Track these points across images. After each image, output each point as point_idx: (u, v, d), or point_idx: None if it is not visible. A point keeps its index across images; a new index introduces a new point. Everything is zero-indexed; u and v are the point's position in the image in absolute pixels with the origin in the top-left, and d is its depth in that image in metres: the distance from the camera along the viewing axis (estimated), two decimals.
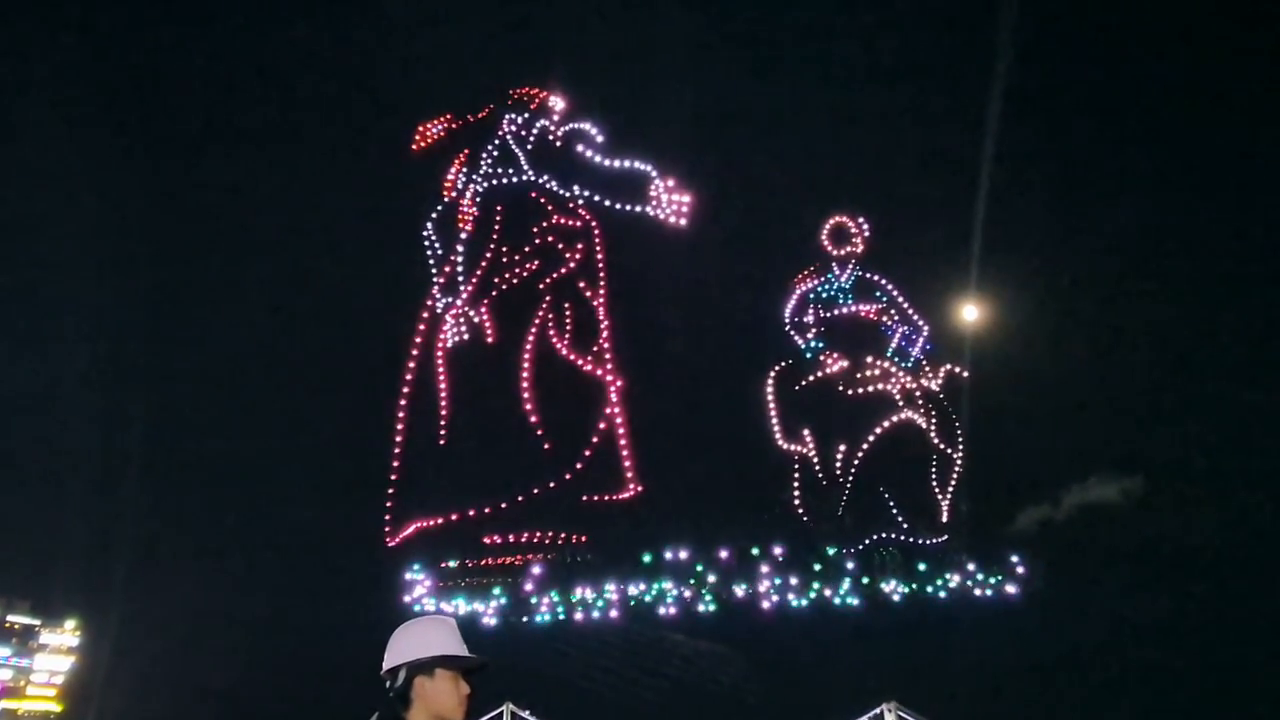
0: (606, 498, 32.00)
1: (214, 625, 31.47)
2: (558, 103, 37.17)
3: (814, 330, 42.07)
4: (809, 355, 41.23)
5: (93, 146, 36.46)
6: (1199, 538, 33.58)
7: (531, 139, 36.61)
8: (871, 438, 39.23)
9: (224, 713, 30.87)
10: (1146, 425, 38.73)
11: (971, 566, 38.44)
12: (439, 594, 31.09)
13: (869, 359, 41.00)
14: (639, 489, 32.21)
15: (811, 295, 43.01)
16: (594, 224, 35.41)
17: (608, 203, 35.66)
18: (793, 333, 42.10)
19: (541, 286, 34.02)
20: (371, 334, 36.17)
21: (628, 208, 35.23)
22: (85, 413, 34.43)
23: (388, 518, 31.99)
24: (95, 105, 38.25)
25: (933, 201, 42.08)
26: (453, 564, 31.71)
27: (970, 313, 41.84)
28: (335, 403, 34.90)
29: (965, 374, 40.81)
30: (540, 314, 33.68)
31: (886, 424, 39.73)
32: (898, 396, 40.33)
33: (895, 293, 43.43)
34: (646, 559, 33.37)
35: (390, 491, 32.41)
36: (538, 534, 31.75)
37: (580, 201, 35.78)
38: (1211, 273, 40.43)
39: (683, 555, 33.80)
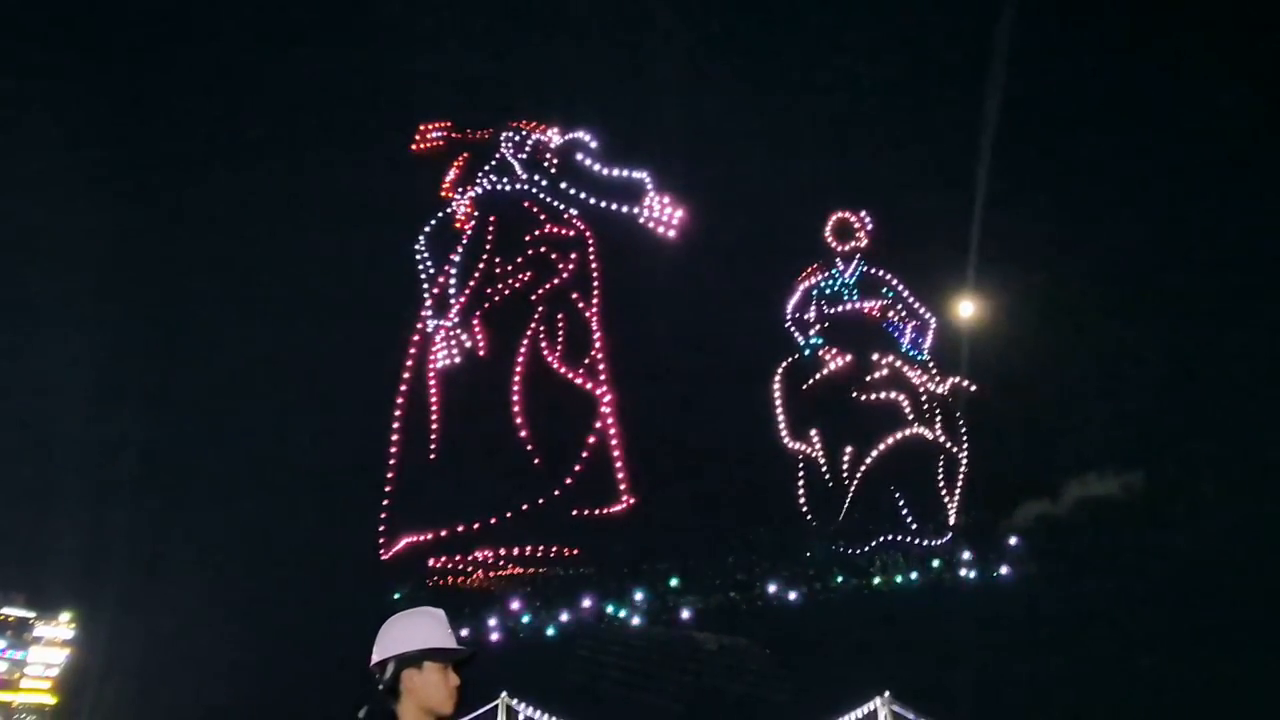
0: (599, 511, 32.23)
1: (208, 619, 32.01)
2: (555, 135, 37.52)
3: (816, 326, 42.29)
4: (808, 352, 41.46)
5: (92, 156, 37.25)
6: (1200, 539, 33.87)
7: (526, 154, 36.96)
8: (879, 440, 39.51)
9: (218, 706, 31.35)
10: (1150, 425, 39.13)
11: (973, 564, 38.81)
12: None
13: (876, 358, 41.23)
14: (632, 501, 32.47)
15: (815, 291, 43.16)
16: (588, 234, 35.72)
17: (601, 204, 35.88)
18: (793, 329, 42.30)
19: (534, 298, 34.40)
20: (369, 344, 36.60)
21: (621, 209, 35.42)
22: (82, 409, 34.97)
23: (382, 529, 32.41)
24: (94, 114, 38.96)
25: (935, 200, 42.45)
26: (444, 579, 32.10)
27: (968, 310, 42.23)
28: (331, 406, 35.54)
29: (972, 386, 41.13)
30: (533, 326, 34.01)
31: (894, 427, 40.07)
32: (905, 402, 40.58)
33: (901, 288, 43.59)
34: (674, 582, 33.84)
35: (385, 503, 32.78)
36: (529, 548, 32.06)
37: (574, 211, 36.10)
38: (1216, 266, 40.78)
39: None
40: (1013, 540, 39.74)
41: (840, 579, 36.54)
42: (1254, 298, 39.26)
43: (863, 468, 39.23)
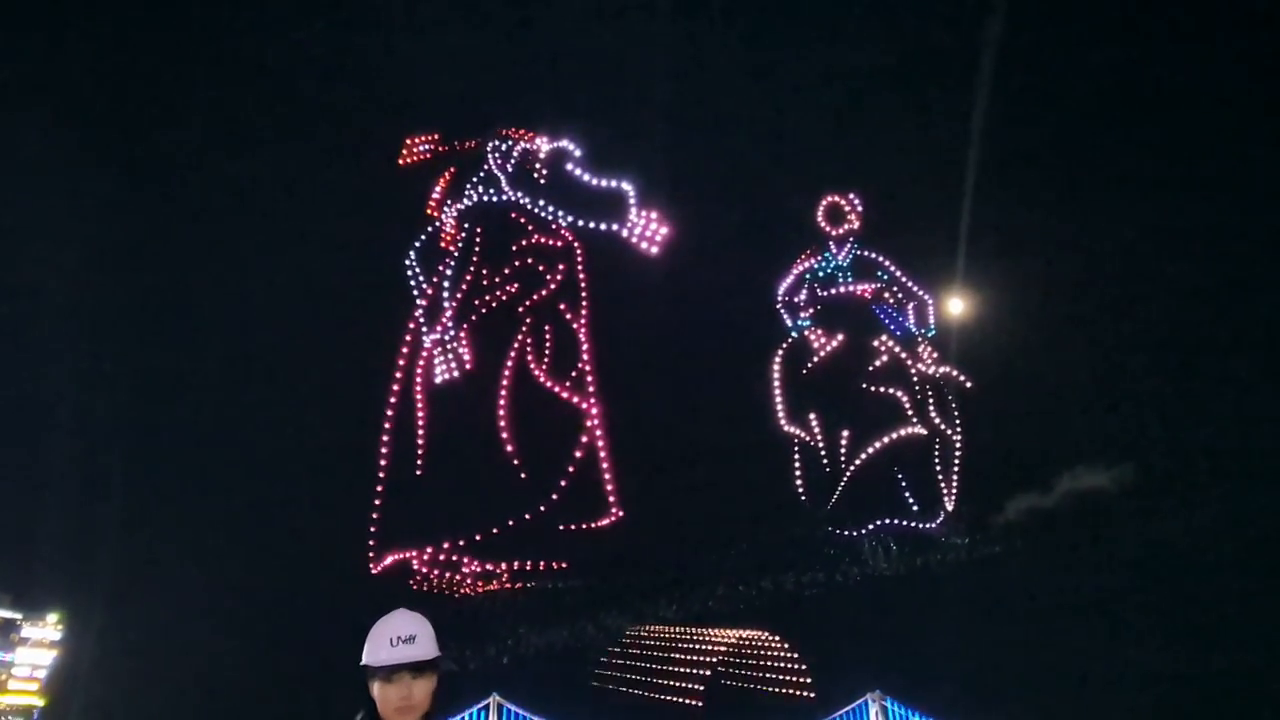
0: (586, 525, 32.43)
1: (196, 619, 32.24)
2: (544, 144, 37.51)
3: (808, 310, 42.70)
4: (794, 333, 41.94)
5: (84, 155, 37.37)
6: (1193, 528, 34.21)
7: (514, 165, 36.92)
8: (875, 425, 39.87)
9: (206, 704, 31.61)
10: (1143, 411, 39.45)
11: (967, 546, 39.25)
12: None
13: (870, 340, 41.64)
14: (620, 514, 32.60)
15: (808, 274, 43.54)
16: (575, 244, 35.79)
17: (586, 224, 35.85)
18: (783, 311, 42.77)
19: (522, 309, 34.58)
20: (361, 346, 36.69)
21: (606, 227, 35.36)
22: (69, 410, 35.10)
23: (371, 543, 32.53)
24: (92, 105, 39.28)
25: (929, 186, 42.64)
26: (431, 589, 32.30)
27: (958, 306, 42.64)
28: (323, 407, 35.76)
29: (967, 382, 41.51)
30: (520, 338, 34.11)
31: (890, 411, 40.45)
32: (900, 387, 40.90)
33: (895, 270, 44.07)
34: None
35: (374, 517, 32.92)
36: (517, 562, 32.30)
37: (562, 222, 36.08)
38: (1209, 244, 41.06)
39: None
40: (1007, 528, 40.21)
41: (827, 575, 36.83)
42: (1249, 286, 39.50)
43: (859, 451, 39.66)
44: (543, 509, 31.85)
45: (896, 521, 39.63)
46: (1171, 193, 41.31)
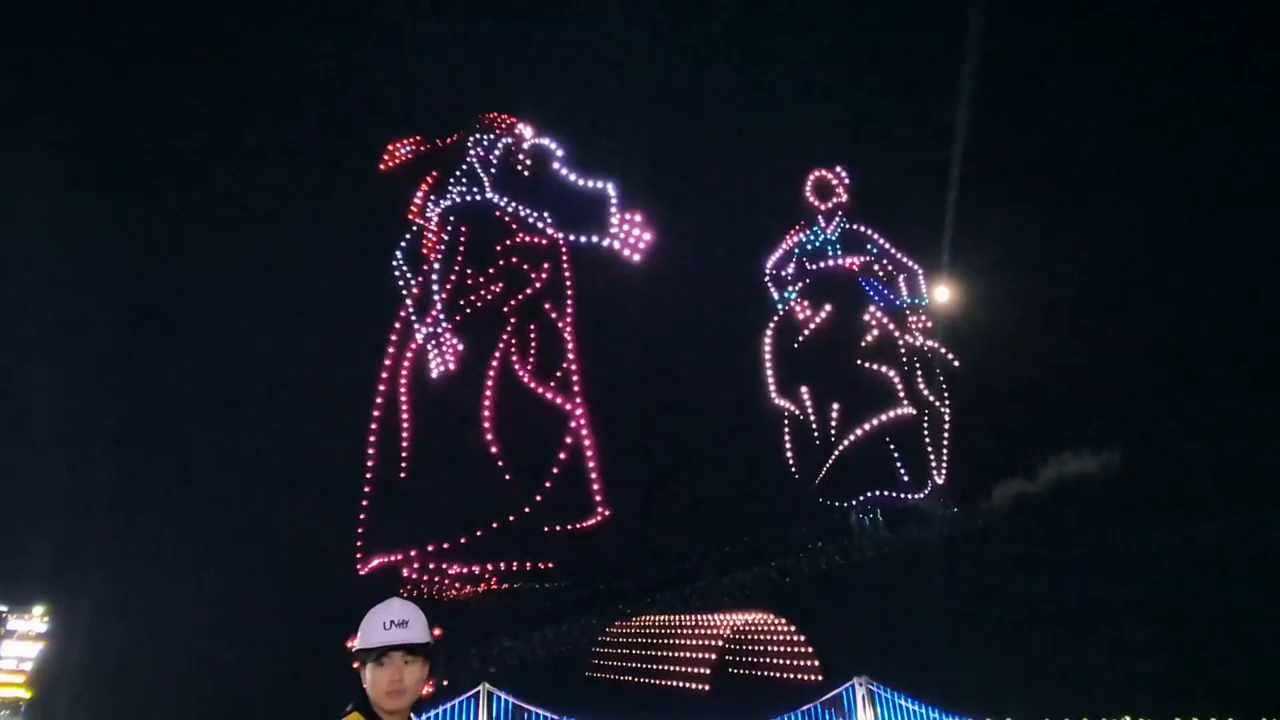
0: (573, 525, 32.64)
1: (183, 612, 32.34)
2: (526, 130, 37.29)
3: (797, 284, 43.06)
4: (780, 306, 42.28)
5: (74, 160, 37.32)
6: (1179, 511, 34.54)
7: (497, 161, 36.74)
8: (866, 403, 40.30)
9: (193, 697, 31.74)
10: (1127, 395, 39.78)
11: (956, 525, 39.73)
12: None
13: (860, 314, 42.08)
14: (606, 514, 32.71)
15: (797, 249, 43.91)
16: (561, 243, 35.66)
17: (571, 235, 35.72)
18: (770, 285, 43.14)
19: (506, 309, 34.58)
20: (349, 353, 36.67)
21: (588, 239, 35.25)
22: (57, 405, 35.11)
23: (359, 543, 32.67)
24: (89, 112, 39.30)
25: (920, 165, 42.82)
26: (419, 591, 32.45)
27: (944, 294, 42.96)
28: (313, 405, 35.84)
29: (955, 361, 41.90)
30: (505, 339, 34.08)
31: (880, 386, 40.91)
32: (892, 372, 41.26)
33: (884, 243, 44.47)
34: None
35: (361, 519, 33.00)
36: (504, 564, 32.63)
37: (547, 221, 35.96)
38: (1203, 231, 41.30)
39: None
40: (994, 512, 40.65)
41: (812, 563, 37.16)
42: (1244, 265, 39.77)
43: (850, 426, 40.09)
44: (529, 510, 32.04)
45: (886, 494, 40.09)
46: (1165, 171, 41.55)
